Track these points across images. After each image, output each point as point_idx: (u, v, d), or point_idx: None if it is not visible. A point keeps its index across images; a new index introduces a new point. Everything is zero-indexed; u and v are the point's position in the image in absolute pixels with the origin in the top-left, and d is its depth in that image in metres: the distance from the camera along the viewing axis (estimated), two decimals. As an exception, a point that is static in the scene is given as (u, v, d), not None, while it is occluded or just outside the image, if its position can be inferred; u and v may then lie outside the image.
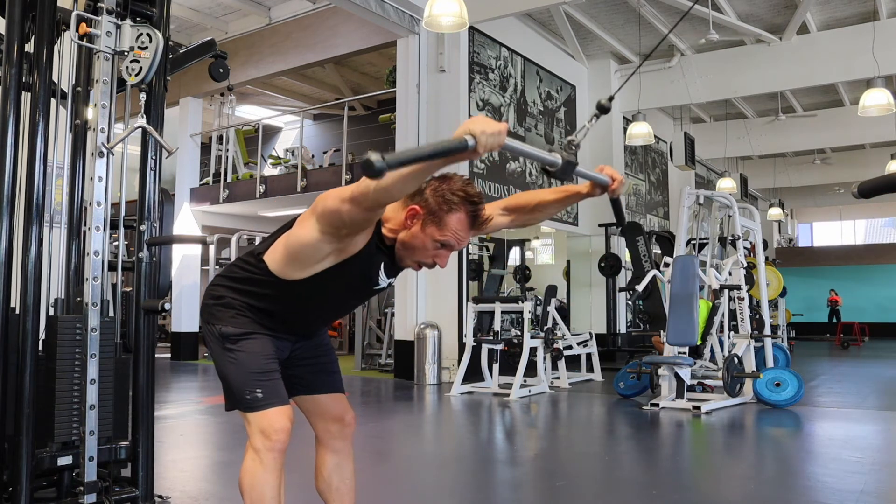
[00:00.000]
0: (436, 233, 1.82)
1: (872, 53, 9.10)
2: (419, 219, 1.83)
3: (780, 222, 18.98)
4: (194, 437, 5.19)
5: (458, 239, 1.82)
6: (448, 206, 1.80)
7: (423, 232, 1.83)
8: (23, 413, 2.56)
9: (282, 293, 1.96)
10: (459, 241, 1.83)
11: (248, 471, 1.90)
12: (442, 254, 1.86)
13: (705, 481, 3.98)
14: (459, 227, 1.82)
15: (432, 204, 1.81)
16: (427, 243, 1.83)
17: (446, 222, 1.81)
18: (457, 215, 1.81)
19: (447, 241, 1.83)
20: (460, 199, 1.81)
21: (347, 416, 2.19)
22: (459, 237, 1.82)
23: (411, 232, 1.84)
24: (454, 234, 1.82)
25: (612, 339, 11.15)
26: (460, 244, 1.84)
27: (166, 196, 3.38)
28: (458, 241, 1.82)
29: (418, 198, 1.83)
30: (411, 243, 1.85)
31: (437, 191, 1.82)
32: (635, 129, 9.89)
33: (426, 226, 1.82)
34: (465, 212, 1.82)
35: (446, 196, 1.80)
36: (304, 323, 2.08)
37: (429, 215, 1.81)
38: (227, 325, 1.96)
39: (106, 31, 2.68)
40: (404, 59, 8.80)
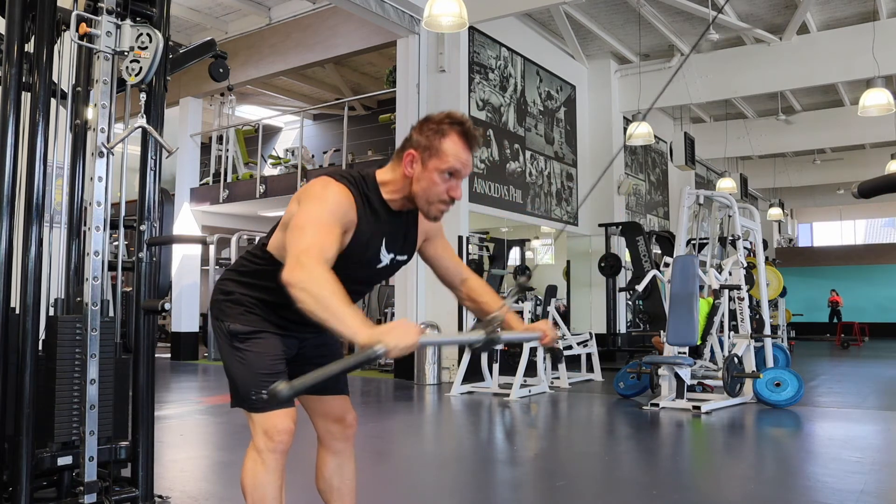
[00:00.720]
0: (438, 164, 1.84)
1: (872, 53, 9.10)
2: (417, 160, 1.86)
3: (780, 222, 18.99)
4: (194, 437, 5.19)
5: (462, 161, 1.85)
6: (439, 133, 1.84)
7: (427, 169, 1.85)
8: (23, 413, 2.56)
9: None
10: (464, 165, 1.86)
11: (249, 471, 1.91)
12: (453, 185, 1.87)
13: (705, 481, 3.98)
14: (457, 149, 1.85)
15: (423, 140, 1.85)
16: (435, 178, 1.85)
17: (443, 150, 1.84)
18: (450, 138, 1.84)
19: (452, 168, 1.85)
20: (447, 124, 1.85)
21: (349, 417, 2.19)
22: (462, 159, 1.85)
23: (416, 176, 1.87)
24: (455, 157, 1.84)
25: (612, 339, 11.14)
26: (465, 167, 1.86)
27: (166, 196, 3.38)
28: (462, 164, 1.85)
29: (408, 144, 1.88)
30: (422, 187, 1.87)
31: (423, 128, 1.87)
32: (636, 130, 9.88)
33: (427, 162, 1.85)
34: (456, 133, 1.85)
35: (433, 127, 1.85)
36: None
37: (425, 151, 1.85)
38: (236, 323, 1.96)
39: (106, 31, 2.68)
40: (404, 59, 8.80)
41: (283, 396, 1.45)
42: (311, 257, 1.67)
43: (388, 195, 1.92)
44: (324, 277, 1.63)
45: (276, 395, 1.45)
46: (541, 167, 10.45)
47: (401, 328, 1.55)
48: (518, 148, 9.89)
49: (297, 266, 1.65)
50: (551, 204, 10.69)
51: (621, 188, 11.85)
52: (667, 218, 14.47)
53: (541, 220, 10.53)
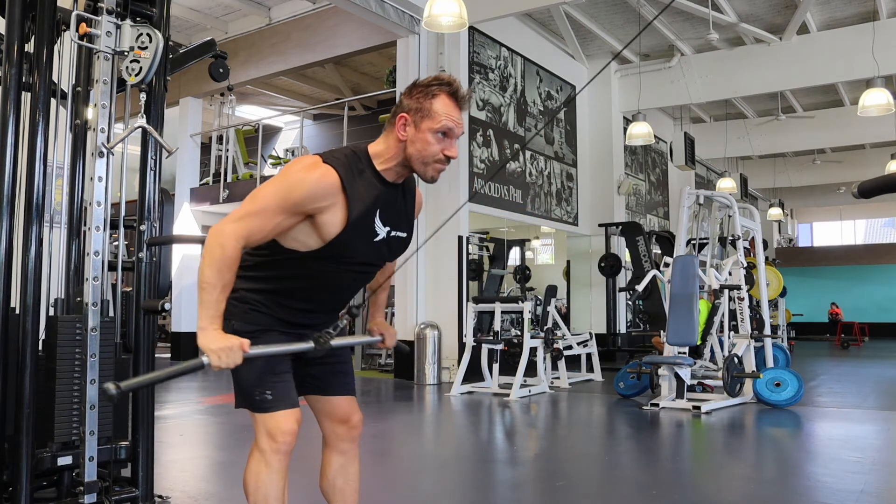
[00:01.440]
0: (431, 124, 1.87)
1: (872, 53, 9.10)
2: (410, 123, 1.88)
3: (780, 222, 18.98)
4: (194, 437, 5.19)
5: (453, 120, 1.88)
6: (427, 94, 1.88)
7: (419, 131, 1.87)
8: (23, 413, 2.56)
9: (294, 270, 1.95)
10: (456, 123, 1.89)
11: (252, 472, 1.90)
12: (447, 144, 1.90)
13: (705, 481, 3.98)
14: (448, 109, 1.88)
15: (413, 103, 1.88)
16: (428, 138, 1.87)
17: (434, 110, 1.87)
18: (439, 99, 1.87)
19: (444, 126, 1.87)
20: (436, 85, 1.89)
21: (355, 418, 2.18)
22: (453, 118, 1.88)
23: (410, 139, 1.89)
24: (447, 116, 1.87)
25: (612, 339, 11.14)
26: (458, 126, 1.90)
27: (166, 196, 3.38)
28: (454, 122, 1.88)
29: (399, 109, 1.91)
30: (416, 149, 1.89)
31: (412, 92, 1.90)
32: (635, 129, 9.88)
33: (419, 123, 1.87)
34: (444, 93, 1.88)
35: (422, 90, 1.89)
36: (319, 303, 2.05)
37: (416, 113, 1.88)
38: (240, 322, 1.95)
39: (106, 31, 2.68)
40: (404, 59, 8.80)
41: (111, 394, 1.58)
42: (235, 234, 1.81)
43: (382, 165, 1.92)
44: (225, 261, 1.80)
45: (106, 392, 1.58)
46: (541, 167, 10.45)
47: (228, 350, 1.74)
48: (518, 148, 9.89)
49: (220, 233, 1.81)
50: (551, 204, 10.69)
51: (621, 188, 11.85)
52: (667, 218, 14.47)
53: (541, 220, 10.53)
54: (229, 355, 1.74)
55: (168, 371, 1.69)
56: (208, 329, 1.77)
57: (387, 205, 1.95)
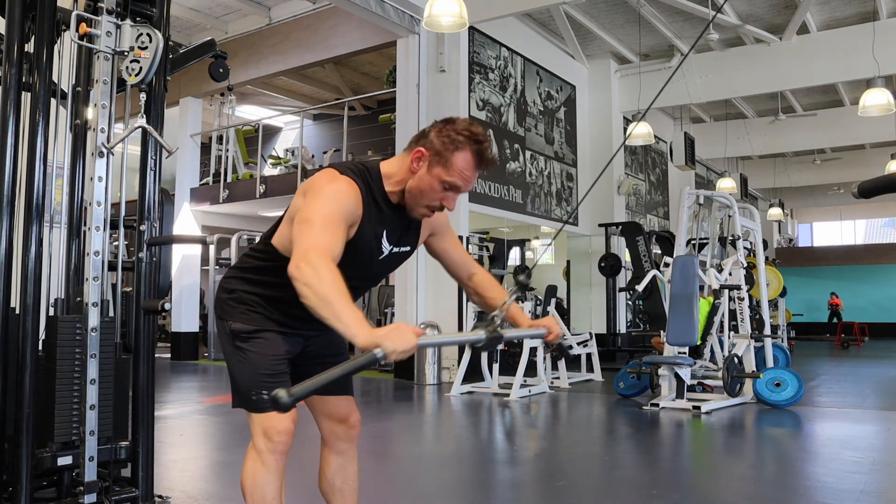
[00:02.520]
0: (443, 173, 1.82)
1: (872, 53, 9.10)
2: (425, 160, 1.83)
3: (780, 222, 18.98)
4: (194, 437, 5.19)
5: (465, 179, 1.83)
6: (454, 145, 1.80)
7: (430, 174, 1.83)
8: (23, 413, 2.56)
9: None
10: (466, 182, 1.83)
11: (249, 471, 1.90)
12: (449, 196, 1.86)
13: (705, 481, 3.98)
14: (466, 167, 1.82)
15: (437, 145, 1.81)
16: (434, 185, 1.83)
17: (452, 162, 1.81)
18: (463, 154, 1.81)
19: (454, 182, 1.83)
20: (465, 138, 1.81)
21: (353, 418, 2.18)
22: (466, 177, 1.82)
23: (418, 175, 1.84)
24: (460, 174, 1.82)
25: (612, 339, 11.14)
26: (467, 185, 1.84)
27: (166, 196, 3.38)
28: (464, 181, 1.83)
29: (423, 140, 1.84)
30: (419, 187, 1.85)
31: (442, 132, 1.82)
32: (635, 130, 9.88)
33: (433, 167, 1.82)
34: (470, 150, 1.82)
35: (451, 136, 1.81)
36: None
37: (435, 156, 1.82)
38: (238, 322, 1.95)
39: (106, 31, 2.68)
40: (404, 59, 8.80)
41: (283, 403, 1.43)
42: (318, 253, 1.64)
43: (390, 187, 1.90)
44: (329, 275, 1.61)
45: (277, 402, 1.43)
46: (541, 167, 10.45)
47: (399, 332, 1.53)
48: (518, 148, 9.89)
49: (303, 261, 1.63)
50: (551, 204, 10.69)
51: (621, 188, 11.85)
52: (667, 218, 14.46)
53: (541, 220, 10.53)
54: (402, 337, 1.53)
55: (340, 369, 1.52)
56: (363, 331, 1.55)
57: (393, 224, 1.94)
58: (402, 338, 1.52)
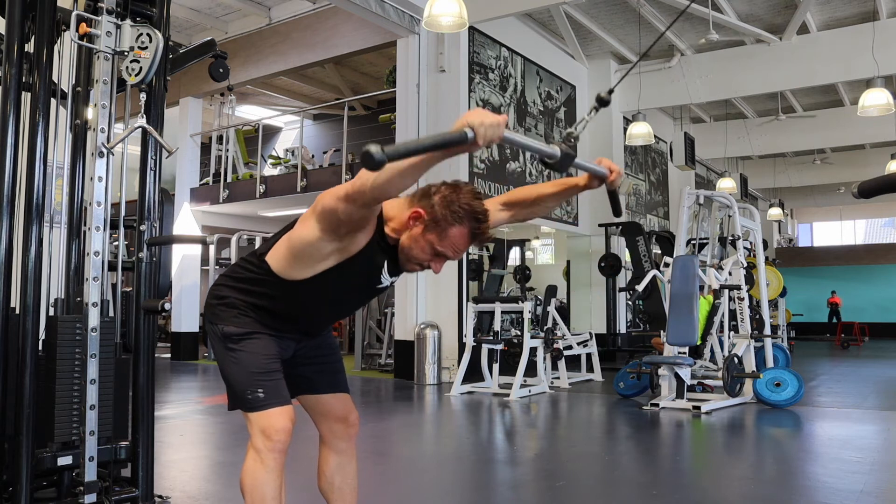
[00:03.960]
0: (435, 241, 1.84)
1: (872, 53, 9.10)
2: (422, 223, 1.84)
3: (780, 222, 18.98)
4: (194, 437, 5.19)
5: (456, 251, 1.85)
6: (453, 217, 1.81)
7: (423, 237, 1.85)
8: (23, 413, 2.56)
9: (284, 293, 1.97)
10: (456, 253, 1.86)
11: (249, 471, 1.91)
12: (438, 261, 1.89)
13: (705, 481, 3.98)
14: (459, 240, 1.84)
15: (437, 213, 1.82)
16: (426, 248, 1.86)
17: (447, 233, 1.83)
18: (459, 228, 1.83)
19: (445, 253, 1.85)
20: (465, 214, 1.82)
21: (351, 417, 2.19)
22: (457, 249, 1.85)
23: (412, 234, 1.86)
24: (452, 245, 1.84)
25: (612, 339, 11.14)
26: (457, 256, 1.87)
27: (166, 196, 3.38)
28: (455, 252, 1.86)
29: (425, 201, 1.84)
30: (409, 245, 1.87)
31: (446, 199, 1.82)
32: (635, 129, 9.88)
33: (427, 232, 1.84)
34: (467, 227, 1.83)
35: (453, 207, 1.81)
36: (307, 322, 2.08)
37: (432, 222, 1.83)
38: (230, 325, 1.97)
39: (106, 31, 2.68)
40: (404, 59, 8.80)
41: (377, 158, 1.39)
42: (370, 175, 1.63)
43: (389, 231, 1.91)
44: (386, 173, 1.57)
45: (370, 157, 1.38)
46: (541, 167, 10.44)
47: (482, 112, 1.52)
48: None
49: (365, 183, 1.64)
50: (551, 204, 10.68)
51: (621, 188, 11.80)
52: (667, 218, 14.46)
53: (541, 219, 10.53)
54: (495, 130, 1.53)
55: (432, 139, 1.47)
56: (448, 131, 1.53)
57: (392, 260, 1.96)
58: (488, 115, 1.51)
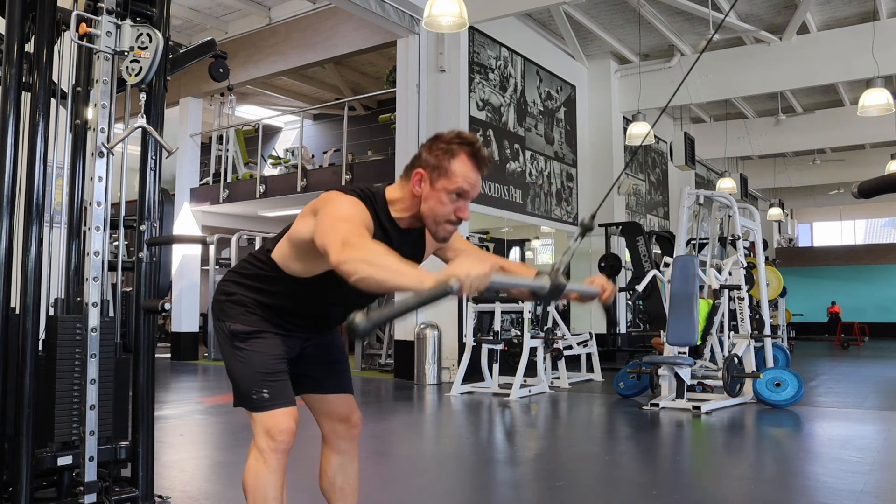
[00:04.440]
0: (447, 184, 1.84)
1: (872, 53, 9.10)
2: (426, 179, 1.85)
3: (780, 222, 18.98)
4: (194, 437, 5.19)
5: (470, 182, 1.85)
6: (448, 153, 1.84)
7: (435, 189, 1.85)
8: (23, 413, 2.56)
9: (291, 290, 1.97)
10: (472, 186, 1.86)
11: (251, 471, 1.91)
12: (460, 205, 1.87)
13: (705, 481, 3.98)
14: (466, 170, 1.85)
15: (432, 160, 1.85)
16: (443, 198, 1.85)
17: (452, 170, 1.84)
18: (459, 159, 1.84)
19: (460, 188, 1.84)
20: (457, 145, 1.85)
21: (354, 417, 2.19)
22: (470, 180, 1.85)
23: (425, 196, 1.86)
24: (464, 178, 1.84)
25: (612, 339, 11.14)
26: (474, 189, 1.87)
27: (166, 196, 3.38)
28: (470, 185, 1.85)
29: (418, 162, 1.87)
30: (430, 207, 1.87)
31: (433, 147, 1.86)
32: (635, 129, 9.88)
33: (435, 181, 1.85)
34: (465, 153, 1.85)
35: (441, 145, 1.85)
36: (314, 319, 2.08)
37: (434, 171, 1.84)
38: (237, 323, 1.97)
39: (106, 31, 2.68)
40: (404, 59, 8.80)
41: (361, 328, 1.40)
42: (356, 238, 1.67)
43: (397, 213, 1.91)
44: (375, 247, 1.64)
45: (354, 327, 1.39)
46: (541, 167, 10.45)
47: (471, 264, 1.54)
48: (518, 148, 9.89)
49: (344, 246, 1.64)
50: (551, 204, 10.69)
51: (621, 188, 11.85)
52: (667, 218, 14.46)
53: (541, 220, 10.53)
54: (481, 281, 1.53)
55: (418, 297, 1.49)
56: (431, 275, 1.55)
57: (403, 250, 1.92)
58: (474, 266, 1.53)
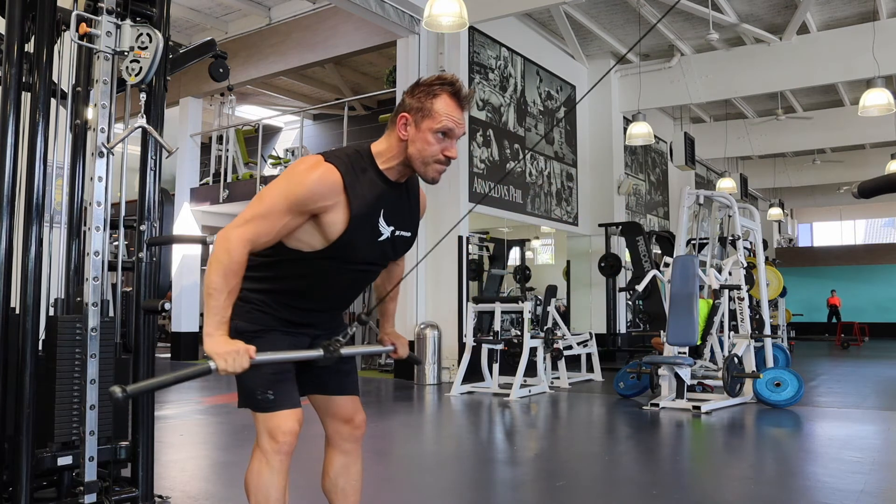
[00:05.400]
0: (431, 124, 1.87)
1: (872, 53, 9.10)
2: (411, 122, 1.88)
3: (780, 222, 18.99)
4: (194, 437, 5.19)
5: (454, 121, 1.88)
6: (430, 95, 1.87)
7: (420, 130, 1.87)
8: (23, 413, 2.56)
9: (297, 271, 1.96)
10: (457, 124, 1.89)
11: (254, 472, 1.91)
12: (447, 144, 1.89)
13: (705, 481, 3.98)
14: (449, 109, 1.87)
15: (415, 103, 1.88)
16: (429, 138, 1.87)
17: (435, 110, 1.86)
18: (441, 99, 1.87)
19: (444, 127, 1.87)
20: (436, 84, 1.89)
21: (358, 419, 2.19)
22: (454, 118, 1.88)
23: (411, 138, 1.89)
24: (448, 116, 1.87)
25: (612, 339, 11.15)
26: (458, 126, 1.89)
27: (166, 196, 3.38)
28: (455, 123, 1.88)
29: (401, 108, 1.91)
30: (417, 148, 1.89)
31: (414, 91, 1.90)
32: (635, 129, 9.89)
33: (419, 123, 1.87)
34: (446, 92, 1.88)
35: (424, 89, 1.89)
36: (322, 301, 2.05)
37: (417, 112, 1.88)
38: (243, 321, 1.95)
39: (106, 31, 2.68)
40: (404, 59, 8.80)
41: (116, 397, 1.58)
42: (242, 237, 1.82)
43: (385, 164, 1.92)
44: (231, 266, 1.80)
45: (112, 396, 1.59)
46: (541, 167, 10.45)
47: (234, 355, 1.73)
48: (518, 148, 9.89)
49: (227, 238, 1.82)
50: (551, 204, 10.70)
51: (621, 188, 11.86)
52: (667, 218, 14.47)
53: (541, 220, 10.54)
54: (236, 360, 1.74)
55: (174, 375, 1.69)
56: (214, 335, 1.77)
57: (391, 204, 1.95)
58: (234, 361, 1.74)
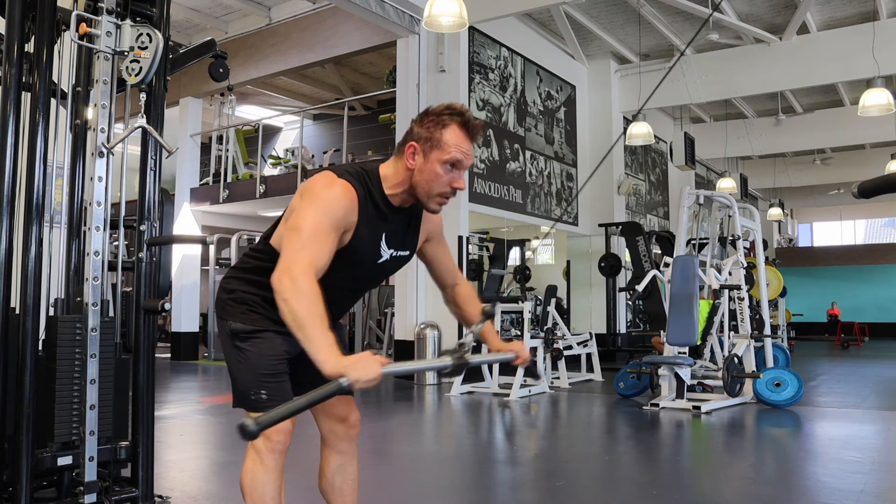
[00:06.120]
0: (440, 155, 1.85)
1: (872, 53, 9.10)
2: (419, 152, 1.86)
3: (780, 222, 18.98)
4: (194, 437, 5.19)
5: (463, 152, 1.85)
6: (439, 124, 1.85)
7: (428, 160, 1.86)
8: (23, 413, 2.56)
9: None
10: (466, 155, 1.86)
11: (249, 471, 1.91)
12: (455, 176, 1.88)
13: (705, 481, 3.98)
14: (458, 140, 1.85)
15: (424, 132, 1.86)
16: (437, 169, 1.85)
17: (444, 140, 1.84)
18: (451, 129, 1.85)
19: (453, 158, 1.85)
20: (448, 114, 1.86)
21: (353, 418, 2.19)
22: (463, 150, 1.85)
23: (418, 168, 1.87)
24: (457, 147, 1.85)
25: (612, 339, 11.15)
26: (467, 158, 1.87)
27: (166, 196, 3.38)
28: (463, 154, 1.86)
29: (409, 136, 1.89)
30: (424, 178, 1.87)
31: (423, 121, 1.87)
32: (635, 129, 9.89)
33: (428, 153, 1.85)
34: (456, 123, 1.86)
35: (432, 117, 1.86)
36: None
37: (426, 143, 1.85)
38: (238, 322, 1.96)
39: (106, 31, 2.68)
40: (404, 59, 8.81)
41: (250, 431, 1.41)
42: (302, 269, 1.68)
43: (390, 190, 1.92)
44: (308, 294, 1.64)
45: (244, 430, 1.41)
46: (541, 167, 10.45)
47: (365, 362, 1.56)
48: (518, 148, 9.90)
49: (286, 274, 1.67)
50: (551, 204, 10.70)
51: (621, 188, 11.86)
52: (667, 218, 14.46)
53: (541, 220, 10.53)
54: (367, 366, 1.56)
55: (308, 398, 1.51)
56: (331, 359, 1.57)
57: (394, 228, 1.96)
58: (367, 368, 1.54)
